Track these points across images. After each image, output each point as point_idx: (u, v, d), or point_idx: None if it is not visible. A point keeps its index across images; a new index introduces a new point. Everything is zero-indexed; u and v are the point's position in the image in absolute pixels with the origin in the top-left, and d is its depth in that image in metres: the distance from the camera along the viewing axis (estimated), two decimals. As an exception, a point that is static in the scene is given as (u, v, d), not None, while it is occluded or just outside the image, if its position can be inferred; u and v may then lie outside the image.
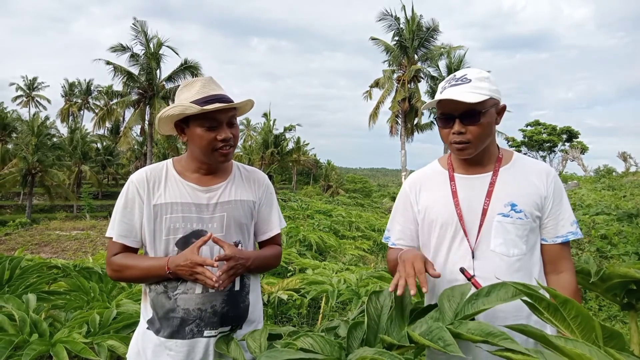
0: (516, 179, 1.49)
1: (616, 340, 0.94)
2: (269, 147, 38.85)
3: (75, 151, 39.12)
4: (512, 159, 1.55)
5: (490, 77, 1.46)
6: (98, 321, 2.34)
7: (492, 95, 1.42)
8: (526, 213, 1.45)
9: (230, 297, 1.55)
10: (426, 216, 1.58)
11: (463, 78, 1.45)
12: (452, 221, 1.50)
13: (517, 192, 1.46)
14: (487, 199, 1.47)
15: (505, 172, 1.51)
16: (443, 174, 1.59)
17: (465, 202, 1.50)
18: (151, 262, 1.50)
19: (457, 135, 1.45)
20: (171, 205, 1.53)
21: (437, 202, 1.55)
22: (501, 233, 1.45)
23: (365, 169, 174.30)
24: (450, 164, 1.60)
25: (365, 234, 11.69)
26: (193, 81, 1.57)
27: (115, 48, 28.34)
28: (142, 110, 29.42)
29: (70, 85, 59.45)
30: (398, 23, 32.01)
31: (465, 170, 1.55)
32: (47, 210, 34.22)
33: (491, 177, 1.50)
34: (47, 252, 15.98)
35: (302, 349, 1.22)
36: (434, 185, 1.60)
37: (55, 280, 3.27)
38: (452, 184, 1.54)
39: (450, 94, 1.41)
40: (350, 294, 3.15)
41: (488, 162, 1.53)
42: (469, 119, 1.42)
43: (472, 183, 1.52)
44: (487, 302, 1.16)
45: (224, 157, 1.56)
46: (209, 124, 1.49)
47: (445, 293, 1.28)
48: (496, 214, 1.45)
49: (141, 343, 1.55)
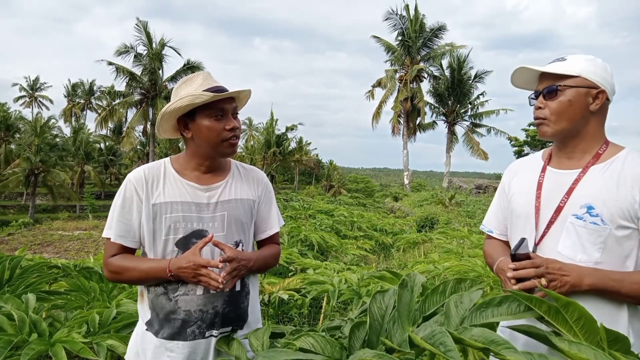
0: (605, 181, 1.35)
1: (621, 344, 0.92)
2: (271, 147, 38.88)
3: (78, 151, 39.20)
4: (613, 156, 1.39)
5: (595, 61, 1.39)
6: (98, 321, 2.34)
7: (584, 75, 1.35)
8: (604, 219, 1.31)
9: (232, 297, 1.54)
10: (511, 204, 1.56)
11: (561, 58, 1.43)
12: (529, 213, 1.46)
13: (600, 195, 1.33)
14: (566, 196, 1.38)
15: (596, 170, 1.38)
16: (538, 164, 1.54)
17: (546, 196, 1.43)
18: (151, 264, 1.47)
19: (536, 110, 1.44)
20: (171, 205, 1.51)
21: (523, 191, 1.51)
22: (571, 235, 1.36)
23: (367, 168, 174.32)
24: (549, 156, 1.53)
25: (367, 234, 11.63)
26: (193, 76, 1.55)
27: (120, 50, 28.47)
28: (145, 110, 29.51)
29: (73, 85, 59.59)
30: (402, 22, 31.99)
31: (559, 164, 1.47)
32: (49, 211, 34.31)
33: (578, 174, 1.40)
34: (49, 252, 16.02)
35: (301, 349, 1.20)
36: (526, 174, 1.56)
37: (56, 280, 3.26)
38: (541, 176, 1.48)
39: (535, 66, 1.41)
40: (351, 294, 3.13)
41: (583, 156, 1.42)
42: (549, 94, 1.40)
43: (560, 178, 1.44)
44: (496, 313, 1.13)
45: (232, 149, 1.55)
46: (217, 113, 1.49)
47: (453, 298, 1.25)
48: (570, 214, 1.36)
49: (140, 344, 1.53)
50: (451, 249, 6.92)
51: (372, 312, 1.32)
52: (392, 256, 9.45)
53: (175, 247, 1.50)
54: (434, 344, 1.04)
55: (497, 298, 1.14)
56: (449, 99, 33.62)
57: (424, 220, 15.39)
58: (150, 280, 1.49)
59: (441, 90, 33.45)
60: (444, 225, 13.16)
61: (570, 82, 1.36)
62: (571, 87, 1.36)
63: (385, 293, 1.39)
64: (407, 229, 13.81)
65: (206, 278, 1.39)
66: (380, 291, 1.40)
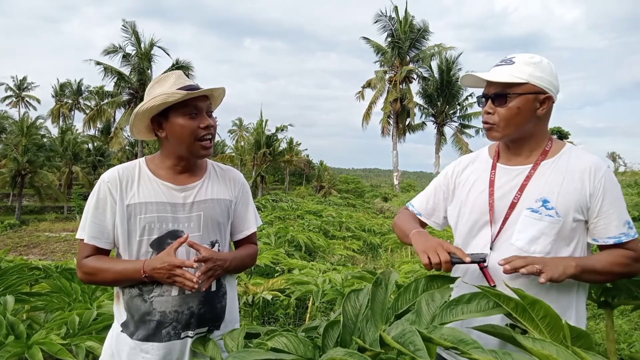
0: (556, 175, 1.41)
1: (583, 340, 0.94)
2: (261, 148, 38.76)
3: (66, 152, 38.82)
4: (559, 152, 1.46)
5: (541, 64, 1.41)
6: (77, 322, 2.31)
7: (532, 81, 1.38)
8: (559, 211, 1.37)
9: (207, 298, 1.53)
10: (460, 200, 1.58)
11: (509, 60, 1.43)
12: (482, 210, 1.48)
13: (553, 189, 1.39)
14: (519, 192, 1.42)
15: (546, 166, 1.43)
16: (487, 161, 1.57)
17: (499, 193, 1.46)
18: (125, 265, 1.46)
19: (485, 115, 1.46)
20: (145, 205, 1.49)
21: (474, 188, 1.54)
22: (526, 227, 1.39)
23: (358, 169, 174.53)
24: (496, 152, 1.56)
25: (356, 234, 11.68)
26: (165, 76, 1.55)
27: (108, 50, 28.27)
28: (133, 110, 29.29)
29: (61, 85, 58.99)
30: (392, 23, 32.13)
31: (508, 160, 1.51)
32: (37, 212, 33.92)
33: (529, 170, 1.44)
34: (35, 254, 15.84)
35: (273, 348, 1.20)
36: (475, 171, 1.58)
37: (37, 281, 3.22)
38: (492, 173, 1.51)
39: (484, 73, 1.41)
40: (334, 294, 3.14)
41: (531, 153, 1.47)
42: (498, 100, 1.41)
43: (511, 174, 1.47)
44: (466, 310, 1.14)
45: (206, 151, 1.54)
46: (190, 111, 1.48)
47: (424, 296, 1.26)
48: (525, 208, 1.40)
49: (115, 346, 1.52)
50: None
51: (346, 311, 1.33)
52: (380, 256, 9.49)
53: (149, 248, 1.48)
54: (404, 344, 1.04)
55: (466, 295, 1.15)
56: (438, 100, 33.83)
57: (412, 221, 15.42)
58: (124, 282, 1.48)
59: (430, 91, 33.65)
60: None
61: (519, 90, 1.39)
62: (519, 94, 1.39)
63: (360, 292, 1.39)
64: (395, 230, 13.82)
65: (181, 278, 1.38)
66: (354, 290, 1.40)
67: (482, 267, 1.38)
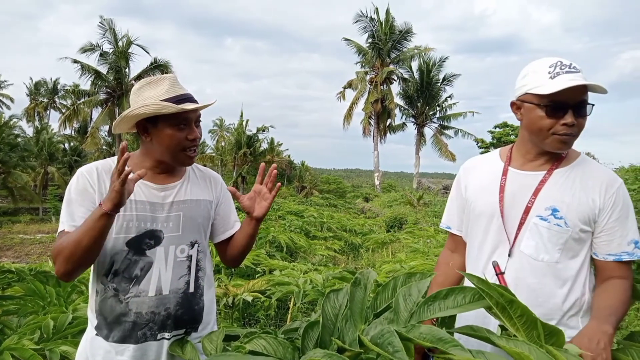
0: (569, 184, 1.39)
1: (555, 338, 0.96)
2: (241, 148, 38.52)
3: (41, 152, 37.89)
4: (574, 161, 1.43)
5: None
6: (52, 326, 2.26)
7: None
8: (567, 221, 1.35)
9: (185, 299, 1.51)
10: (471, 205, 1.55)
11: (574, 67, 1.34)
12: (493, 214, 1.46)
13: (564, 199, 1.37)
14: (533, 197, 1.40)
15: (560, 174, 1.41)
16: (498, 165, 1.53)
17: (509, 198, 1.44)
18: (86, 219, 1.32)
19: (567, 127, 1.33)
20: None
21: (484, 191, 1.51)
22: (534, 235, 1.38)
23: (339, 169, 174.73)
24: (509, 157, 1.52)
25: (337, 235, 11.71)
26: (158, 79, 1.51)
27: (85, 48, 27.75)
28: (111, 109, 28.84)
29: (36, 84, 57.52)
30: (373, 25, 32.30)
31: (521, 165, 1.48)
32: (10, 213, 33.00)
33: (544, 175, 1.42)
34: (9, 257, 15.42)
35: (252, 351, 1.20)
36: (485, 175, 1.55)
37: (10, 285, 3.14)
38: (503, 178, 1.48)
39: (582, 81, 1.29)
40: (316, 295, 3.14)
41: (548, 160, 1.44)
42: (582, 110, 1.34)
43: (523, 180, 1.45)
44: (443, 306, 1.14)
45: (190, 160, 1.53)
46: (180, 123, 1.46)
47: (402, 291, 1.26)
48: (535, 215, 1.39)
49: (89, 349, 1.49)
50: (418, 248, 7.04)
51: (326, 312, 1.32)
52: (361, 256, 9.54)
53: (125, 247, 1.45)
54: (382, 345, 1.04)
55: (443, 291, 1.15)
56: (419, 101, 34.14)
57: (393, 221, 15.59)
58: (91, 235, 1.30)
59: (411, 92, 33.94)
60: (412, 225, 13.37)
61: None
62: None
63: (339, 292, 1.39)
64: (376, 229, 13.95)
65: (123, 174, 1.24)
66: (333, 290, 1.39)
67: (497, 272, 1.39)
